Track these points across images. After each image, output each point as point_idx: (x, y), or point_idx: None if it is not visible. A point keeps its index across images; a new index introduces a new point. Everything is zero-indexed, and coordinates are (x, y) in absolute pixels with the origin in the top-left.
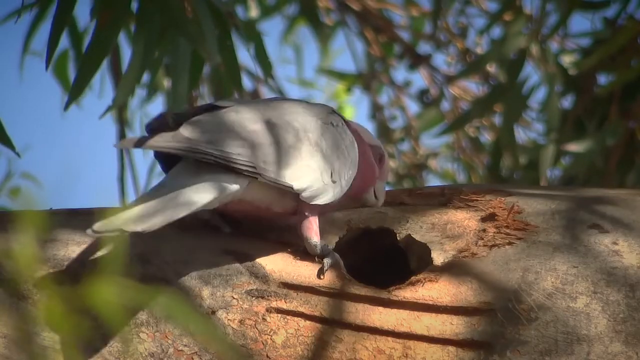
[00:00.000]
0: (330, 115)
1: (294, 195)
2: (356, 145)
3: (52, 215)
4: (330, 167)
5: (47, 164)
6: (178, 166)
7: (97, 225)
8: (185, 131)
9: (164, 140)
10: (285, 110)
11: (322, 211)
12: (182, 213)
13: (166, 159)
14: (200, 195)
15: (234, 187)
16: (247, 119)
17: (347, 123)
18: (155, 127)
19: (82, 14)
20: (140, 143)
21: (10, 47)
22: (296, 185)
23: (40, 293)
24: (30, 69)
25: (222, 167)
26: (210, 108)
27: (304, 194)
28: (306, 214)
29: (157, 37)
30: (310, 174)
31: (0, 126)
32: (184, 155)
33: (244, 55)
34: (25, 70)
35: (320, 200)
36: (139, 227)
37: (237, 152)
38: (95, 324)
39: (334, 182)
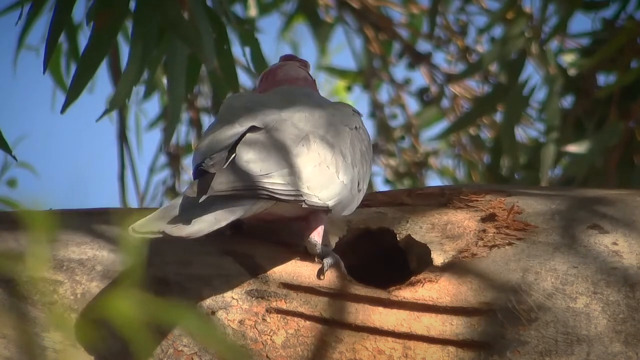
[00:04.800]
0: (354, 117)
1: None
2: (371, 143)
3: (52, 215)
4: (358, 177)
5: (45, 157)
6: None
7: (137, 226)
8: (234, 172)
9: (219, 184)
10: (320, 121)
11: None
12: (223, 223)
13: None
14: (239, 208)
15: (269, 202)
16: (290, 139)
17: (305, 77)
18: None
19: (77, 7)
20: (202, 191)
21: (5, 41)
22: (331, 203)
23: (40, 293)
24: (25, 61)
25: None
26: (250, 129)
27: (335, 209)
28: (317, 213)
29: (155, 38)
30: (342, 191)
31: None
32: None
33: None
34: (20, 63)
35: (347, 212)
36: (182, 233)
37: (286, 182)
38: (95, 324)
39: (359, 191)
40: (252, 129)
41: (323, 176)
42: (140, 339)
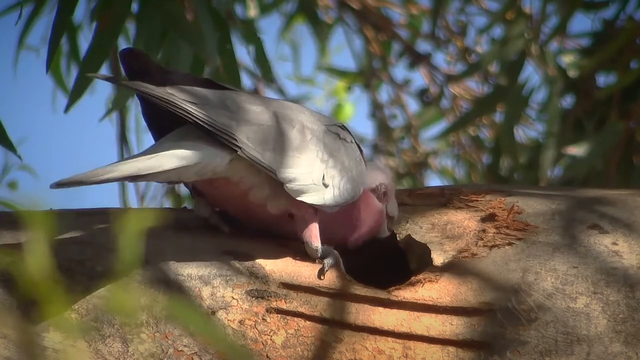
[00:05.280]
0: (340, 129)
1: (288, 194)
2: (364, 165)
3: (51, 215)
4: (323, 170)
5: (45, 158)
6: (165, 137)
7: (61, 180)
8: (172, 89)
9: (145, 86)
10: (291, 107)
11: (321, 220)
12: (147, 172)
13: (158, 130)
14: (174, 158)
15: (213, 159)
16: (244, 100)
17: None
18: (135, 67)
19: (78, 8)
20: (116, 80)
21: (5, 41)
22: (280, 172)
23: (40, 293)
24: (25, 62)
25: (210, 142)
26: (207, 82)
27: (290, 185)
28: (305, 213)
29: (157, 38)
30: (299, 166)
31: (1, 128)
32: (161, 105)
33: (244, 53)
34: (20, 63)
35: (308, 199)
36: (99, 178)
37: (221, 121)
38: (95, 324)
39: (325, 185)
40: (209, 83)
41: (275, 141)
42: (140, 339)
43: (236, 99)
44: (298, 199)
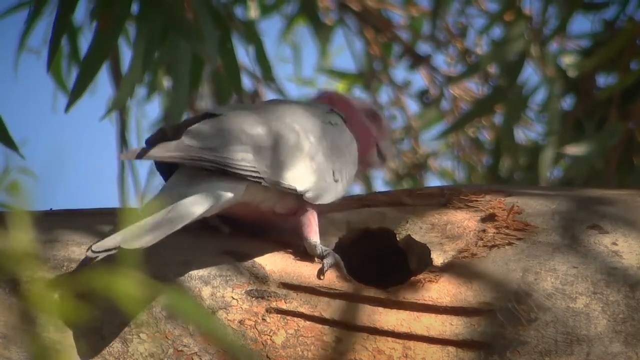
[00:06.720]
0: (329, 115)
1: (295, 195)
2: (355, 142)
3: (52, 216)
4: (332, 167)
5: (45, 159)
6: (174, 176)
7: (95, 246)
8: (186, 139)
9: (166, 150)
10: (285, 112)
11: (323, 209)
12: (179, 225)
13: (167, 171)
14: (198, 205)
15: (232, 193)
16: (247, 123)
17: (336, 99)
18: (155, 140)
19: (79, 10)
20: (141, 155)
21: (6, 43)
22: (299, 187)
23: (40, 293)
24: (26, 64)
25: (221, 173)
26: (205, 116)
27: (308, 195)
28: (307, 210)
29: (157, 38)
30: (312, 174)
31: (3, 127)
32: (187, 164)
33: (245, 54)
34: (21, 65)
35: (324, 200)
36: (137, 244)
37: (240, 158)
38: (95, 324)
39: (335, 181)
40: (207, 115)
41: (286, 156)
42: (140, 339)
43: (242, 125)
44: (316, 203)
